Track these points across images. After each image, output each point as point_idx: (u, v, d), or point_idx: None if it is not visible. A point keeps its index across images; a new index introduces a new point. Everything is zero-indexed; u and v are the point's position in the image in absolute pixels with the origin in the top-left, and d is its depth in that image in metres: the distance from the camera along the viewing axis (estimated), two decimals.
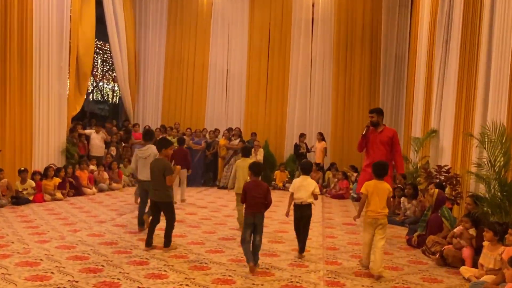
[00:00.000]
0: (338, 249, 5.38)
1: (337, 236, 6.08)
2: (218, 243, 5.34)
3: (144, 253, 4.69)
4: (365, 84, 13.07)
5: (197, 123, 13.71)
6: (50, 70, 9.44)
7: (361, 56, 13.11)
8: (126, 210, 7.35)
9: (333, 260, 4.80)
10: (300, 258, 4.89)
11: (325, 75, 13.25)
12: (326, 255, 5.01)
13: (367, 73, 13.07)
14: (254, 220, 4.38)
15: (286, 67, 13.45)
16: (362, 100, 13.08)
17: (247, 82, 13.62)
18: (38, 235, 5.33)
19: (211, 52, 13.79)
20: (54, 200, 8.07)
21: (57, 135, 9.77)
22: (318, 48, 13.27)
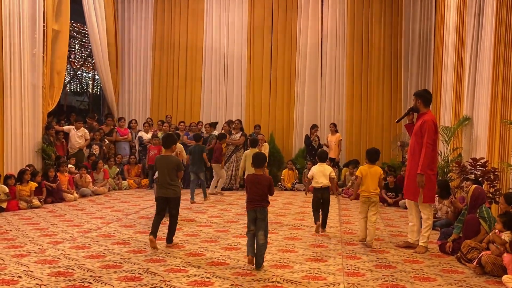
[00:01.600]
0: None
1: (358, 243, 6.07)
2: (221, 254, 5.35)
3: (137, 267, 4.69)
4: (385, 66, 13.03)
5: (191, 115, 13.72)
6: (23, 58, 9.43)
7: (380, 34, 13.06)
8: (113, 218, 7.37)
9: (355, 271, 4.80)
10: (323, 232, 6.64)
11: (338, 57, 13.22)
12: (345, 265, 5.01)
13: (387, 53, 13.03)
14: (256, 215, 4.88)
15: (293, 48, 13.42)
16: (382, 84, 13.06)
17: (248, 66, 13.61)
18: (14, 248, 5.34)
19: (205, 32, 13.79)
20: (30, 207, 8.09)
21: (32, 133, 9.78)
22: (330, 26, 13.23)
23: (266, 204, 4.92)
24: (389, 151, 12.75)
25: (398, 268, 4.93)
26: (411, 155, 5.75)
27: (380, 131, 13.05)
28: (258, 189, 4.90)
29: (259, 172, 5.03)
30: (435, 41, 11.96)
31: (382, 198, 9.60)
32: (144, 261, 4.93)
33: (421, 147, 5.54)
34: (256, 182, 4.93)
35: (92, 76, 17.22)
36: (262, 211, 4.87)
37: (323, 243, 5.99)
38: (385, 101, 13.07)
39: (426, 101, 5.78)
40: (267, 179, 4.97)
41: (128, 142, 12.09)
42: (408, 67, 12.90)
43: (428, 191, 5.57)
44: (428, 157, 5.48)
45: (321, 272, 4.71)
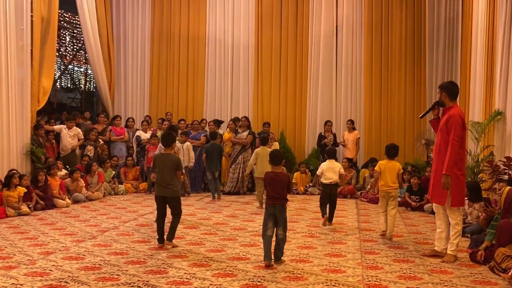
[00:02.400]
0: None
1: (379, 252, 6.04)
2: (227, 264, 5.35)
3: (136, 280, 4.70)
4: (407, 56, 12.97)
5: (194, 112, 13.74)
6: (9, 52, 9.48)
7: (401, 20, 13.01)
8: (109, 226, 7.39)
9: (377, 283, 4.78)
10: (330, 225, 7.52)
11: (355, 47, 13.20)
12: (366, 276, 4.99)
13: (410, 42, 12.98)
14: (275, 211, 5.36)
15: (305, 38, 13.41)
16: (404, 76, 13.01)
17: (256, 58, 13.62)
18: (2, 259, 5.37)
19: (208, 21, 13.83)
20: (19, 215, 8.14)
21: (20, 133, 9.83)
22: (345, 12, 13.21)
23: (284, 201, 5.44)
24: (413, 150, 12.69)
25: (424, 279, 4.90)
26: (437, 154, 5.71)
27: (402, 128, 12.98)
28: (277, 187, 5.40)
29: (277, 169, 5.56)
30: (463, 27, 11.88)
31: (406, 201, 9.56)
32: (144, 273, 4.94)
33: (447, 145, 5.49)
34: (275, 179, 5.45)
35: (84, 70, 17.30)
36: (280, 207, 5.38)
37: (341, 252, 5.97)
38: (408, 94, 13.00)
39: (452, 94, 5.73)
40: (286, 177, 5.55)
41: (125, 143, 12.13)
42: (433, 56, 12.81)
43: (457, 193, 5.52)
44: (455, 155, 5.42)
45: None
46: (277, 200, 5.39)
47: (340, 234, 7.08)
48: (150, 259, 5.51)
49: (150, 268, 5.14)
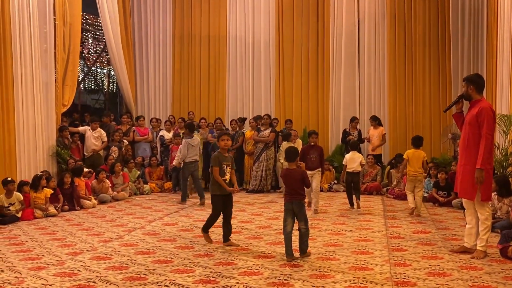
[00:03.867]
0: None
1: (407, 248, 5.98)
2: (253, 263, 5.36)
3: (163, 279, 4.74)
4: (431, 47, 12.79)
5: (215, 111, 13.79)
6: (34, 55, 9.67)
7: (425, 11, 12.83)
8: (135, 226, 7.48)
9: (405, 280, 4.72)
10: (357, 202, 8.89)
11: (378, 41, 13.07)
12: (394, 273, 4.94)
13: (433, 33, 12.78)
14: (293, 207, 5.57)
15: (326, 33, 13.33)
16: (429, 70, 12.84)
17: (277, 55, 13.61)
18: (32, 260, 5.48)
19: (229, 19, 13.84)
20: (46, 216, 8.30)
21: (45, 136, 10.03)
22: (367, 6, 13.10)
23: (301, 197, 5.62)
24: (439, 145, 12.52)
25: (454, 276, 4.83)
26: (464, 149, 5.59)
27: (428, 122, 12.80)
28: (292, 183, 5.63)
29: (292, 166, 5.75)
30: (488, 16, 11.63)
31: (433, 197, 9.44)
32: (170, 272, 4.98)
33: (477, 139, 5.40)
34: (290, 176, 5.68)
35: (107, 72, 17.50)
36: (298, 203, 5.58)
37: (368, 250, 5.93)
38: (433, 88, 12.81)
39: (479, 87, 5.63)
40: (300, 173, 5.68)
41: (149, 143, 12.26)
42: (458, 48, 12.57)
43: (486, 188, 5.43)
44: (488, 149, 5.35)
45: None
46: (293, 196, 5.59)
47: (366, 231, 7.02)
48: (177, 258, 5.55)
49: (177, 267, 5.18)
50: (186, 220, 7.89)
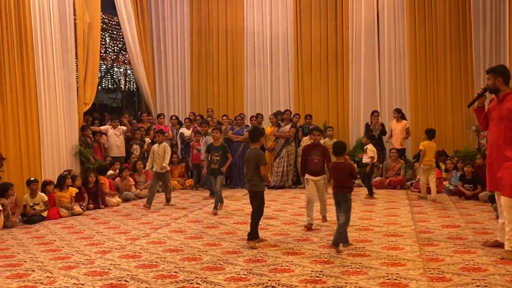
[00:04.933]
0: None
1: (438, 243, 5.88)
2: (283, 259, 5.30)
3: (194, 277, 4.71)
4: (452, 39, 12.56)
5: (234, 108, 13.76)
6: (55, 55, 9.71)
7: (445, 1, 12.56)
8: (160, 223, 7.47)
9: (439, 275, 4.63)
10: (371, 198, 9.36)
11: (398, 33, 12.91)
12: (427, 268, 4.84)
13: (454, 24, 12.56)
14: (338, 198, 5.78)
15: (345, 26, 13.22)
16: (450, 61, 12.61)
17: (295, 50, 13.54)
18: (61, 259, 5.49)
19: (246, 14, 13.78)
20: (72, 215, 8.34)
21: (68, 135, 10.08)
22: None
23: (347, 189, 5.79)
24: (462, 138, 12.31)
25: (489, 270, 4.71)
26: (502, 144, 5.33)
27: (450, 115, 12.58)
28: (339, 176, 5.80)
29: (339, 159, 5.98)
30: (510, 6, 11.37)
31: (459, 190, 9.29)
32: (201, 269, 4.95)
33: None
34: (337, 169, 5.85)
35: (124, 71, 17.55)
36: (343, 195, 5.76)
37: (398, 245, 5.84)
38: (454, 80, 12.58)
39: (507, 79, 5.38)
40: (347, 166, 5.93)
41: (169, 140, 12.25)
42: (479, 39, 12.22)
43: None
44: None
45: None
46: (339, 188, 5.78)
47: (394, 226, 6.93)
48: (205, 255, 5.52)
49: (207, 264, 5.14)
50: (211, 218, 7.85)
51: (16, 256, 5.73)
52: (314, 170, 6.87)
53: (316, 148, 6.98)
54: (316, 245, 5.89)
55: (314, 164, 6.87)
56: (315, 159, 6.88)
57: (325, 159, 6.91)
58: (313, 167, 6.88)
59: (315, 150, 6.94)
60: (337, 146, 6.08)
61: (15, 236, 6.87)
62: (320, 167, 6.89)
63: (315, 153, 6.92)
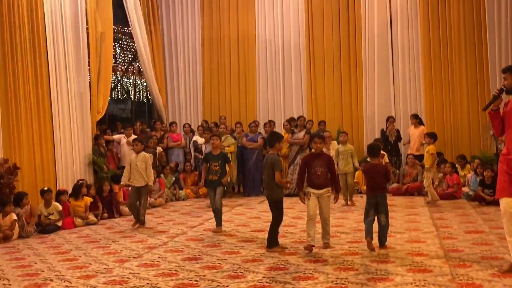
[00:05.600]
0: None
1: (463, 249, 5.73)
2: (305, 267, 5.19)
3: (216, 285, 4.61)
4: (467, 41, 12.39)
5: (247, 115, 13.69)
6: (68, 64, 9.71)
7: (459, 3, 12.42)
8: (177, 232, 7.38)
9: (469, 281, 4.50)
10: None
11: (412, 36, 12.80)
12: (455, 274, 4.71)
13: (469, 25, 12.38)
14: (377, 200, 5.86)
15: (358, 31, 13.13)
16: (466, 63, 12.42)
17: (308, 56, 13.48)
18: (79, 269, 5.42)
19: (257, 22, 13.79)
20: (87, 224, 8.27)
21: (82, 144, 10.04)
22: (399, 0, 12.79)
23: (384, 190, 5.96)
24: (479, 142, 12.12)
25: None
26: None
27: (466, 118, 12.39)
28: (376, 177, 5.91)
29: (375, 161, 6.14)
30: None
31: (479, 196, 9.12)
32: (222, 278, 4.85)
33: None
34: (374, 170, 5.98)
35: (133, 81, 17.54)
36: (381, 196, 5.90)
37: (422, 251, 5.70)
38: (470, 83, 12.38)
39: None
40: (383, 168, 6.09)
41: (182, 148, 12.20)
42: (495, 40, 11.98)
43: None
44: None
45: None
46: (378, 190, 5.90)
47: (416, 232, 6.78)
48: (225, 263, 5.42)
49: (227, 272, 5.04)
50: (228, 225, 7.74)
51: (33, 266, 5.67)
52: (317, 183, 5.95)
53: (319, 158, 6.03)
54: (338, 253, 5.77)
55: (317, 177, 5.95)
56: (318, 171, 5.94)
57: (330, 171, 6.02)
58: (316, 180, 5.96)
59: (318, 161, 5.99)
60: (372, 147, 6.26)
61: (31, 246, 6.81)
62: (324, 180, 5.96)
63: (319, 164, 5.96)
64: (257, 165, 11.30)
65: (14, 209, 7.44)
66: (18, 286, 4.83)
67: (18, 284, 4.92)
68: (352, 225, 7.45)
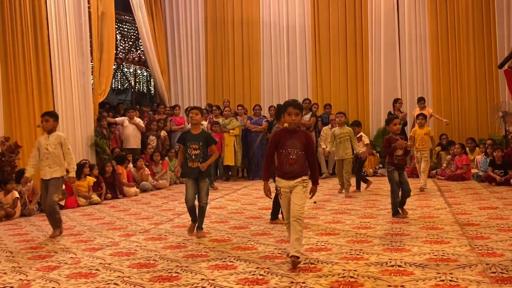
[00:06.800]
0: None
1: (478, 223, 5.59)
2: (306, 256, 5.04)
3: (226, 256, 4.46)
4: (475, 23, 12.21)
5: (251, 98, 13.52)
6: (69, 43, 9.54)
7: None
8: (183, 210, 7.22)
9: (489, 251, 4.35)
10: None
11: (419, 19, 12.63)
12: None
13: (477, 9, 12.17)
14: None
15: (364, 14, 12.95)
16: (473, 45, 12.25)
17: (313, 39, 13.31)
18: (84, 242, 5.28)
19: (262, 3, 13.56)
20: (90, 204, 8.14)
21: (84, 125, 9.89)
22: None
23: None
24: (487, 124, 11.97)
25: None
26: None
27: (474, 101, 12.23)
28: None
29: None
30: None
31: (489, 176, 8.98)
32: (232, 249, 4.72)
33: None
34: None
35: (133, 71, 17.27)
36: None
37: (437, 225, 5.55)
38: (478, 65, 12.22)
39: None
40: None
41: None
42: (503, 21, 11.85)
43: None
44: None
45: (448, 253, 4.30)
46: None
47: (428, 209, 6.64)
48: (234, 237, 5.29)
49: (237, 245, 4.91)
50: (234, 204, 7.62)
51: (36, 240, 5.53)
52: (290, 171, 4.22)
53: (294, 135, 4.26)
54: (349, 227, 5.63)
55: (290, 162, 4.21)
56: (292, 153, 4.21)
57: (308, 155, 4.29)
58: (288, 167, 4.22)
59: (293, 139, 4.23)
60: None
61: (34, 223, 6.68)
62: (299, 167, 4.21)
63: (293, 143, 4.23)
64: (261, 149, 11.14)
65: (16, 187, 7.30)
66: (21, 258, 4.69)
67: (21, 256, 4.78)
68: (361, 203, 7.33)
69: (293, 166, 4.21)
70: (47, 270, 4.22)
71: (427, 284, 3.51)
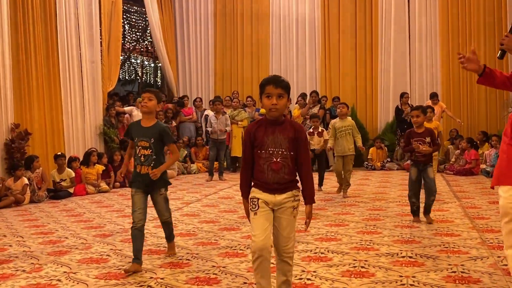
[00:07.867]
0: None
1: (489, 217, 5.58)
2: (316, 246, 5.04)
3: (236, 244, 4.48)
4: (487, 17, 12.06)
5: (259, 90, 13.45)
6: (79, 32, 9.55)
7: None
8: (191, 199, 7.26)
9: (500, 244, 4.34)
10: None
11: (430, 12, 12.52)
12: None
13: (489, 2, 12.03)
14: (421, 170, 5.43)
15: (374, 6, 12.84)
16: (484, 40, 12.12)
17: (322, 32, 13.21)
18: (94, 229, 5.31)
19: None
20: (99, 192, 8.17)
21: (93, 114, 9.91)
22: None
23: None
24: (496, 120, 11.89)
25: None
26: None
27: (484, 97, 12.14)
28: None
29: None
30: None
31: None
32: (241, 238, 4.73)
33: None
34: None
35: (140, 62, 17.26)
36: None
37: (447, 218, 5.55)
38: (489, 60, 12.10)
39: None
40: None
41: (193, 123, 12.06)
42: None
43: None
44: None
45: (459, 246, 4.30)
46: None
47: (438, 202, 6.49)
48: (244, 226, 5.30)
49: (247, 233, 4.92)
50: None
51: (46, 226, 5.57)
52: (272, 181, 2.90)
53: (275, 129, 2.92)
54: (358, 218, 5.63)
55: (272, 167, 2.89)
56: (276, 154, 2.89)
57: (299, 155, 2.92)
58: (269, 175, 2.90)
59: (274, 135, 2.90)
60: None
61: (43, 210, 6.72)
62: (285, 174, 2.89)
63: (275, 141, 2.90)
64: None
65: (25, 173, 7.34)
66: (33, 243, 4.72)
67: (32, 241, 4.81)
68: (371, 194, 7.32)
69: (279, 174, 2.88)
70: (58, 255, 4.25)
71: (438, 275, 3.51)
